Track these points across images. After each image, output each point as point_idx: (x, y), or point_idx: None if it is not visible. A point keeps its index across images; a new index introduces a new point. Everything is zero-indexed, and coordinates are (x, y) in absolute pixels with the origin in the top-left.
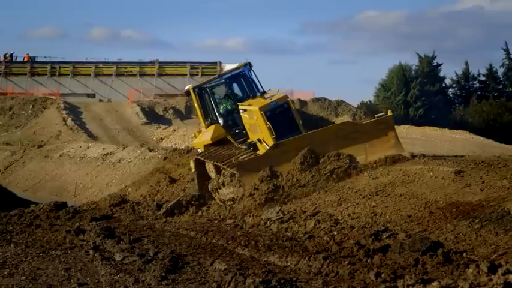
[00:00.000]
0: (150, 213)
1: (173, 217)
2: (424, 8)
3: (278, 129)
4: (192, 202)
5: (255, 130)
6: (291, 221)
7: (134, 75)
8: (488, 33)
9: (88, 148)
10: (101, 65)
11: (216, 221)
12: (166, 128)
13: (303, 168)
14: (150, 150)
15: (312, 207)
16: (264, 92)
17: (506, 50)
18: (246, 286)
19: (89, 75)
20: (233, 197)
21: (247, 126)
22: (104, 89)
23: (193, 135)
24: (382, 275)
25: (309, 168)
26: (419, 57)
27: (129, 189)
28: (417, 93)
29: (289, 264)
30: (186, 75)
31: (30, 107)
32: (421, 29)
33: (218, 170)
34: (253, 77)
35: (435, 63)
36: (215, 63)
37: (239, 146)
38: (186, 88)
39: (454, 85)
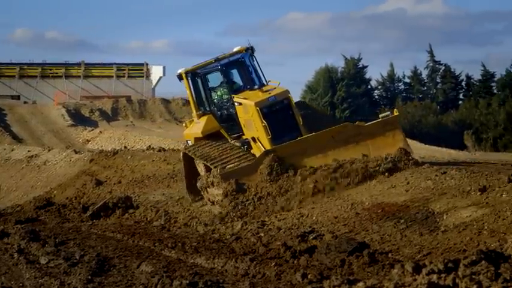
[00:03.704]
0: (76, 216)
1: (99, 219)
2: (347, 10)
3: (275, 128)
4: (119, 204)
5: (250, 127)
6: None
7: (60, 76)
8: (411, 36)
9: (12, 150)
10: (25, 67)
11: (143, 223)
12: (93, 130)
13: (272, 179)
14: (76, 153)
15: None
16: (263, 84)
17: (431, 52)
18: None
19: (14, 76)
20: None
21: (242, 122)
22: (28, 90)
23: (183, 124)
24: (309, 276)
25: (278, 177)
26: (345, 59)
27: (55, 192)
28: (343, 95)
29: (216, 266)
30: (112, 76)
31: None
32: (346, 31)
33: (208, 168)
34: (255, 64)
35: (361, 65)
36: (142, 64)
37: (233, 142)
38: (178, 72)
39: (379, 87)
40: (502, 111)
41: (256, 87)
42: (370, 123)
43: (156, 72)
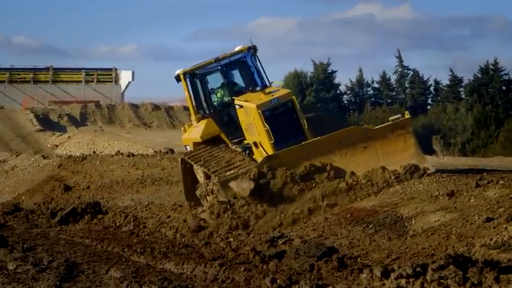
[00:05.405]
0: (44, 222)
1: (68, 225)
2: (316, 15)
3: (279, 132)
4: (87, 210)
5: (251, 131)
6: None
7: (28, 81)
8: (380, 41)
9: None
10: None
11: (112, 229)
12: (61, 135)
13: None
14: (45, 158)
15: None
16: (266, 86)
17: (399, 57)
18: None
19: None
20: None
21: (243, 125)
22: None
23: (182, 129)
24: (278, 281)
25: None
26: (314, 64)
27: (23, 197)
28: (312, 100)
29: (185, 271)
30: (80, 81)
31: None
32: (315, 35)
33: (207, 175)
34: (258, 64)
35: (330, 70)
36: (110, 69)
37: (234, 147)
38: (176, 73)
39: (348, 92)
40: (470, 116)
41: (258, 88)
42: (379, 126)
43: (124, 77)
